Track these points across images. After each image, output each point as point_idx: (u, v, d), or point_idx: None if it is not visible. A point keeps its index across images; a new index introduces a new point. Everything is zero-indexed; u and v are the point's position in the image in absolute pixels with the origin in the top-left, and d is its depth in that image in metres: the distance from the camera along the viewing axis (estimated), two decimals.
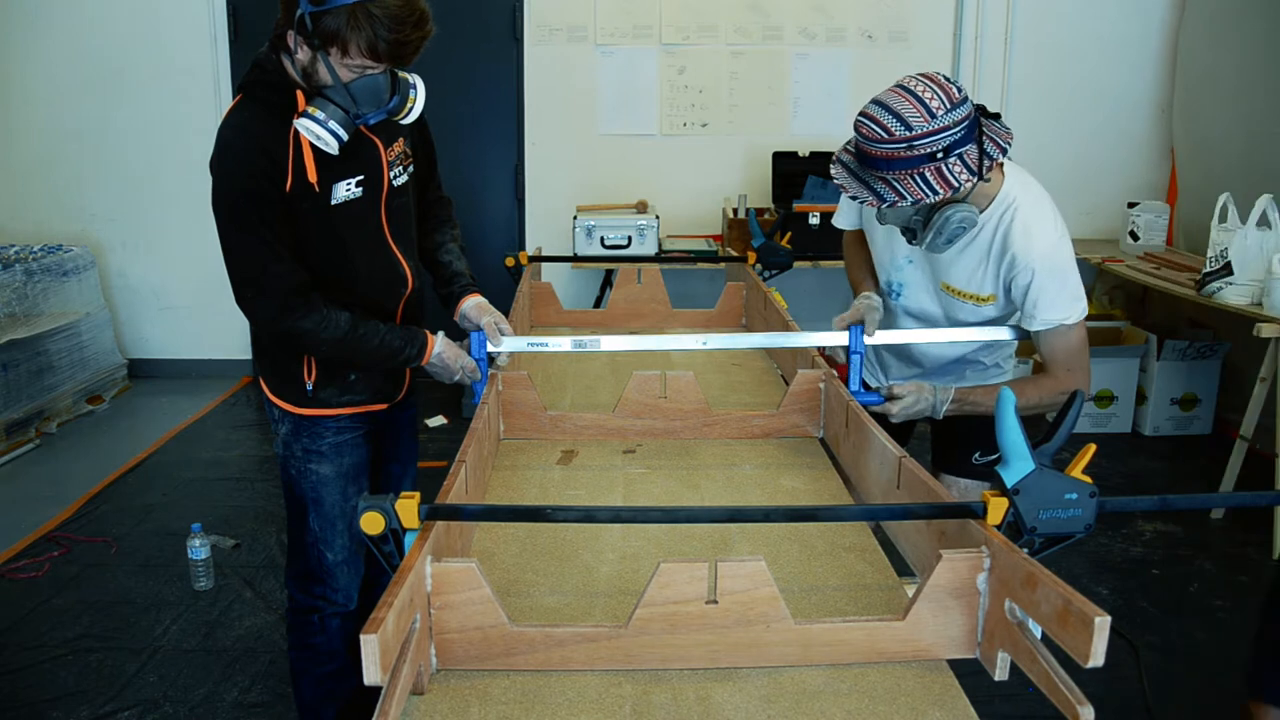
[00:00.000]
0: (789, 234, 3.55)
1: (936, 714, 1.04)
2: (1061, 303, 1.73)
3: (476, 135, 4.83)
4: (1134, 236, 4.41)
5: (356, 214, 1.72)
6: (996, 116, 1.69)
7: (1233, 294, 3.33)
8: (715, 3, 4.67)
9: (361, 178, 1.71)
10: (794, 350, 2.18)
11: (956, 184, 1.60)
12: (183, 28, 4.65)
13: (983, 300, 1.84)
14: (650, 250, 4.23)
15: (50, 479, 3.75)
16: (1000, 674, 1.07)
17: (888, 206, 1.64)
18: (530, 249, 4.70)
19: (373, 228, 1.76)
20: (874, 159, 1.61)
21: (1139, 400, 4.34)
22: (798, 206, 4.38)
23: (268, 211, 1.60)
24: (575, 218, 4.32)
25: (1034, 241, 1.72)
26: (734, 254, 3.95)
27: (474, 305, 1.94)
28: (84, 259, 4.59)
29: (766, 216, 4.44)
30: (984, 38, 4.65)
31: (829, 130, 4.74)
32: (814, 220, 4.26)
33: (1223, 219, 3.39)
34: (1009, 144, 1.64)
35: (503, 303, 2.79)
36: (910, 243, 1.77)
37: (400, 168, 1.80)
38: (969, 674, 1.12)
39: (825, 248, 4.18)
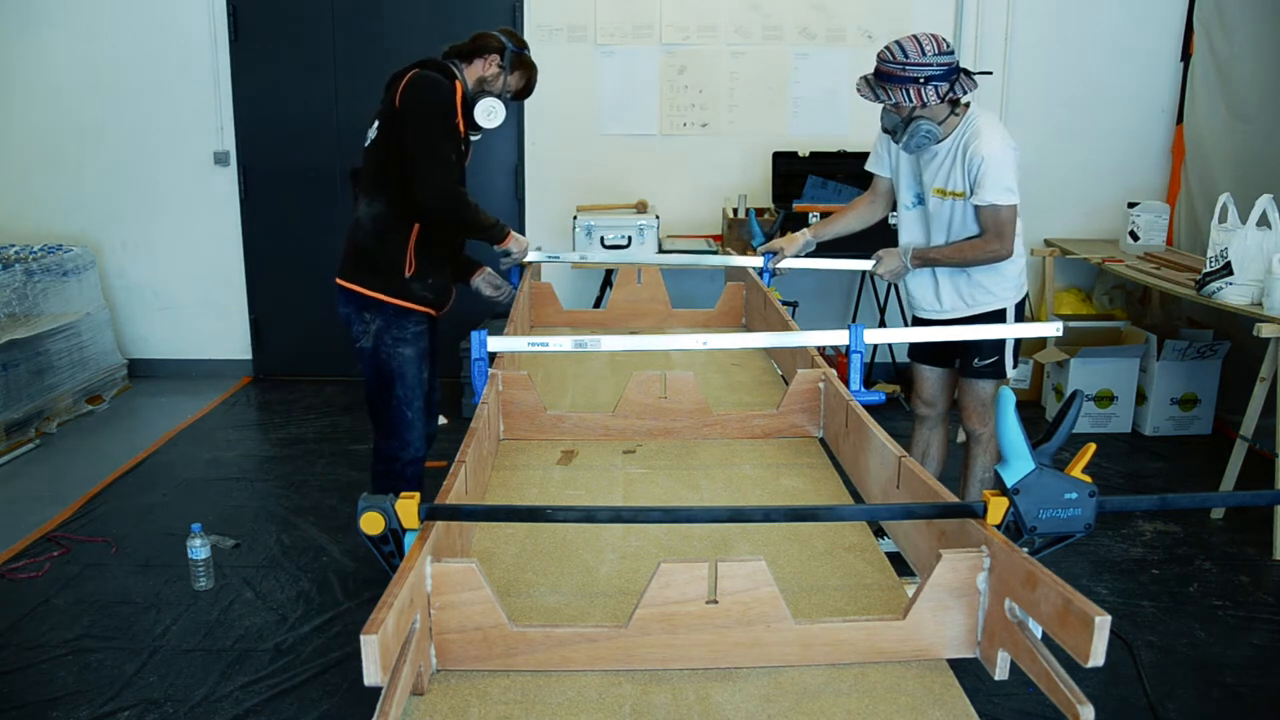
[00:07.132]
0: (789, 234, 3.53)
1: (936, 714, 1.04)
2: (997, 188, 2.53)
3: None
4: (1134, 236, 4.41)
5: (463, 165, 2.58)
6: (978, 73, 2.67)
7: (1233, 294, 3.33)
8: (715, 3, 4.67)
9: (468, 148, 2.61)
10: (794, 350, 2.18)
11: (925, 101, 2.49)
12: (183, 28, 4.65)
13: (958, 195, 2.62)
14: (650, 250, 4.23)
15: (50, 479, 3.75)
16: (1000, 673, 1.07)
17: (885, 106, 2.56)
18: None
19: (463, 177, 2.60)
20: (882, 73, 2.53)
21: (1139, 400, 4.34)
22: (798, 206, 4.37)
23: (458, 128, 2.46)
24: (575, 218, 4.32)
25: (984, 143, 2.52)
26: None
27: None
28: (84, 259, 4.59)
29: (766, 216, 4.43)
30: (984, 38, 4.65)
31: (829, 130, 4.74)
32: (814, 220, 4.25)
33: (1223, 219, 3.39)
34: (970, 90, 2.53)
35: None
36: (894, 140, 2.62)
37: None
38: (969, 674, 1.12)
39: (824, 248, 4.16)
